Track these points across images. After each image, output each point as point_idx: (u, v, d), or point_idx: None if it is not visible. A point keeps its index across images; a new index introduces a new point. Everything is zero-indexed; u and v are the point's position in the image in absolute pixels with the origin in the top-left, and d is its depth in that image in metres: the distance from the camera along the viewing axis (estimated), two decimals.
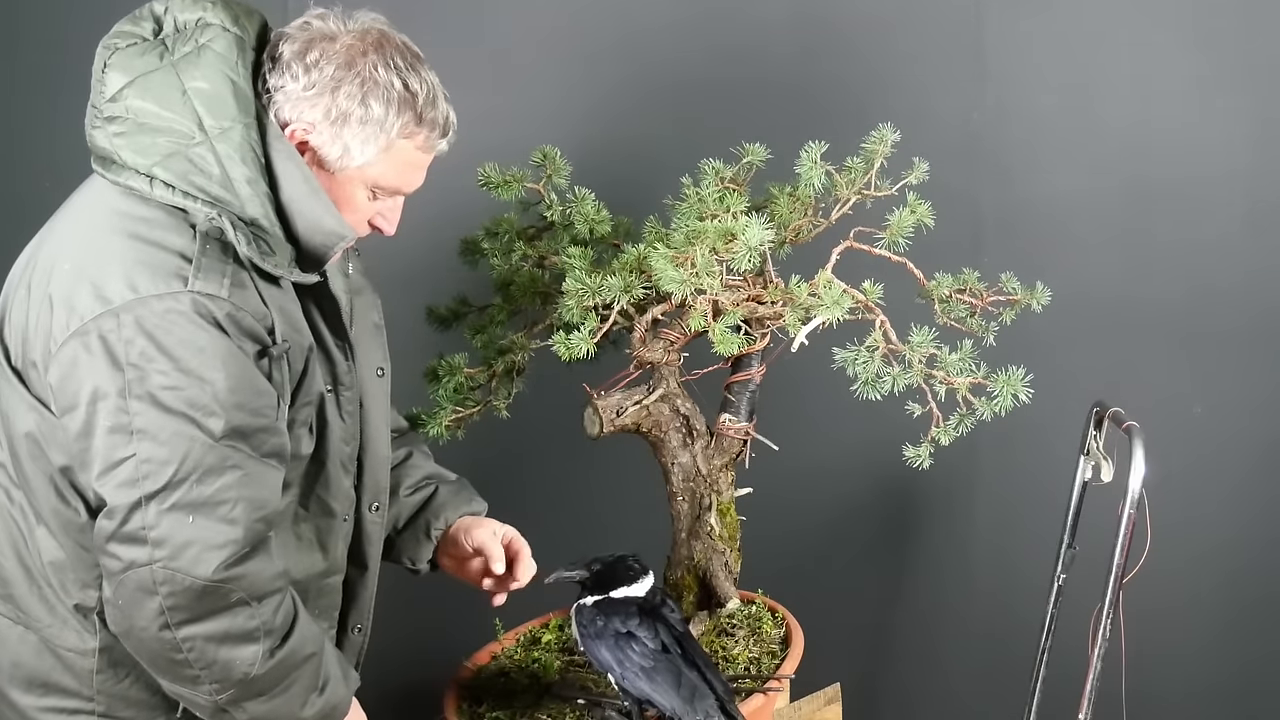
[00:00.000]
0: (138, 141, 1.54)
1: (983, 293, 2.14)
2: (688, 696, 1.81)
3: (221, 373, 1.50)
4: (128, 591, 1.51)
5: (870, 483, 2.86)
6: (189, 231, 1.54)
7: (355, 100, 1.58)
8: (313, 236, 1.60)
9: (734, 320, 1.98)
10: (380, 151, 1.61)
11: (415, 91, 1.61)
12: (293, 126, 1.59)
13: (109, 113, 1.56)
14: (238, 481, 1.52)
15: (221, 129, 1.54)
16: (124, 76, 1.56)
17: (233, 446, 1.52)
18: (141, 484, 1.48)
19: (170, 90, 1.55)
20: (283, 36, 1.62)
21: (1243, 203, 2.65)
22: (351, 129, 1.59)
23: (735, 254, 1.91)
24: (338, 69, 1.58)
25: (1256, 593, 2.81)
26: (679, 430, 2.13)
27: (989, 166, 2.68)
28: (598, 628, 1.89)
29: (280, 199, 1.58)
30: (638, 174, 2.53)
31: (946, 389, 2.00)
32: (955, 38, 2.64)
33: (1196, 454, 2.71)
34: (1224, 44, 2.60)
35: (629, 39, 2.72)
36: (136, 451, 1.48)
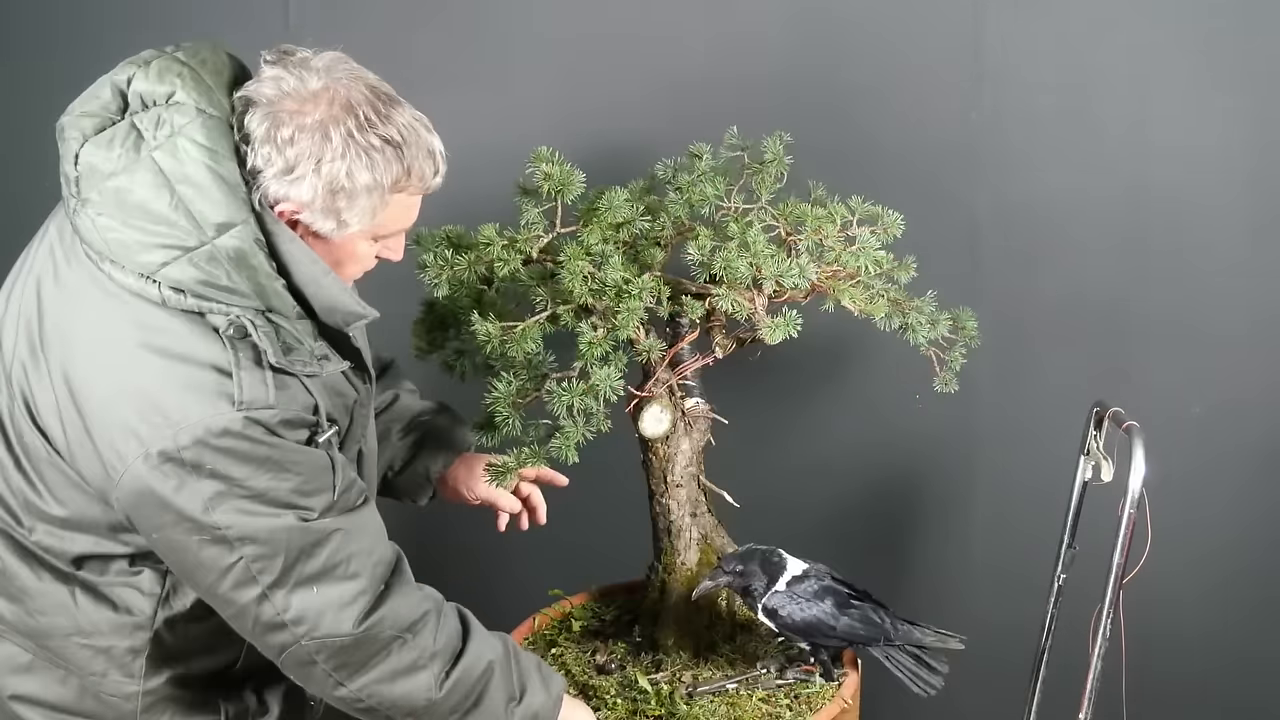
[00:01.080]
0: (132, 241, 1.48)
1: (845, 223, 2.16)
2: (880, 619, 2.13)
3: (290, 473, 1.52)
4: (293, 668, 1.60)
5: (870, 482, 2.86)
6: (213, 337, 1.50)
7: (341, 174, 1.51)
8: (331, 316, 1.59)
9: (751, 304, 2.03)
10: (375, 214, 1.57)
11: (398, 143, 1.54)
12: (281, 206, 1.54)
13: (96, 208, 1.49)
14: (343, 542, 1.57)
15: (220, 229, 1.48)
16: (103, 168, 1.50)
17: (326, 517, 1.56)
18: (259, 579, 1.53)
19: (158, 189, 1.48)
20: (249, 106, 1.53)
21: (1242, 202, 2.65)
22: (342, 202, 1.54)
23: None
24: (314, 145, 1.50)
25: (1257, 593, 2.81)
26: (680, 419, 2.16)
27: (987, 167, 2.68)
28: (801, 599, 2.09)
29: (292, 284, 1.54)
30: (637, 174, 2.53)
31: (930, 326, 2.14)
32: (953, 38, 2.64)
33: (1196, 454, 2.71)
34: (1223, 45, 2.59)
35: (627, 41, 2.72)
36: (242, 555, 1.52)
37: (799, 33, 2.67)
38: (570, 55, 2.73)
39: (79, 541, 1.62)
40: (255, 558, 1.52)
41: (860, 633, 2.12)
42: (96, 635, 1.64)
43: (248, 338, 1.51)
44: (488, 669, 1.69)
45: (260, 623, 1.56)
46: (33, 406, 1.56)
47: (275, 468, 1.51)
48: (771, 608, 2.09)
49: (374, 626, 1.58)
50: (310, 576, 1.54)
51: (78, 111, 1.55)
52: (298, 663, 1.59)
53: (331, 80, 1.53)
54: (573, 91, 2.74)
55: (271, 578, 1.53)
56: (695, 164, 2.18)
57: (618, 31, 2.72)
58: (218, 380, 1.49)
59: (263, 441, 1.50)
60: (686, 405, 2.18)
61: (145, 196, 1.48)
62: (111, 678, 1.66)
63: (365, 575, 1.58)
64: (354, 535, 1.58)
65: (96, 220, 1.50)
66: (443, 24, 2.70)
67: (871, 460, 2.85)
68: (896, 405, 2.77)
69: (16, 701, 1.68)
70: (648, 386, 2.10)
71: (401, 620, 1.61)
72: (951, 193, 2.66)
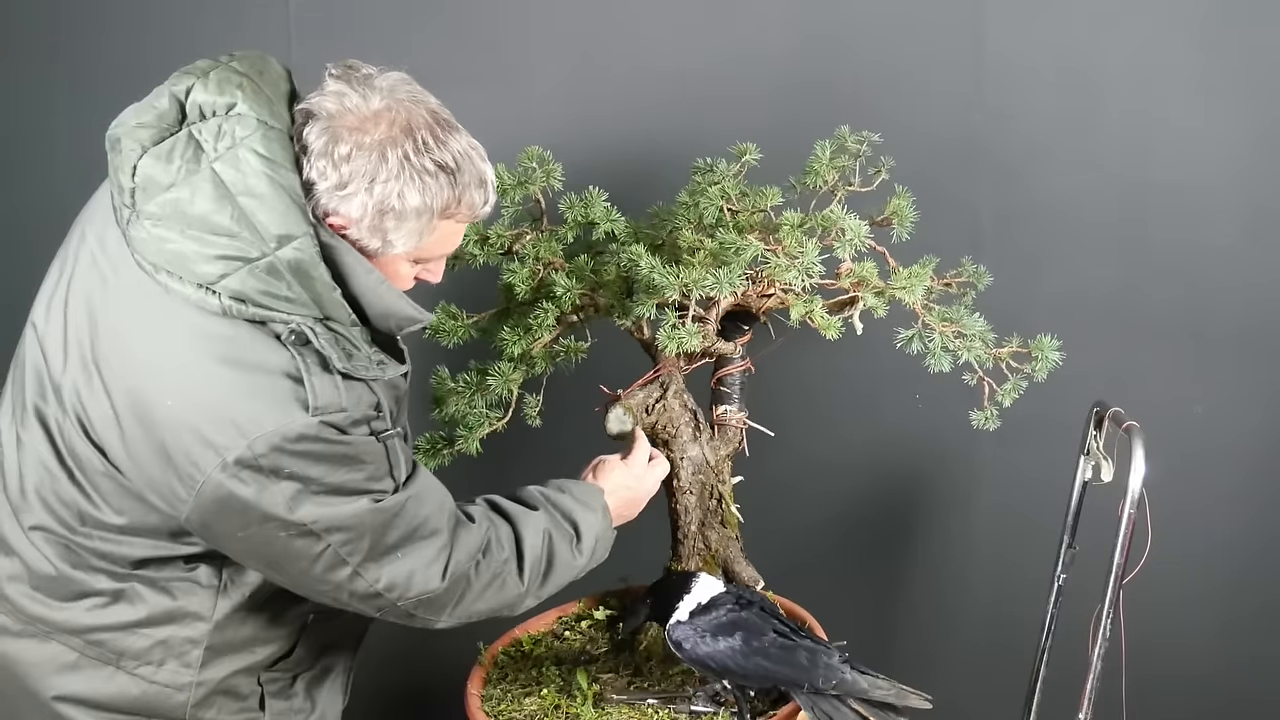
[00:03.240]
0: (192, 252, 1.49)
1: (933, 277, 2.15)
2: (809, 663, 1.89)
3: (363, 463, 1.56)
4: (393, 619, 1.69)
5: (869, 482, 2.87)
6: (277, 344, 1.52)
7: (393, 195, 1.53)
8: (385, 321, 1.61)
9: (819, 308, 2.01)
10: (421, 238, 1.59)
11: (452, 170, 1.55)
12: (331, 219, 1.55)
13: (154, 219, 1.50)
14: (415, 508, 1.63)
15: (282, 240, 1.49)
16: (162, 179, 1.50)
17: (396, 493, 1.61)
18: (349, 560, 1.59)
19: (219, 201, 1.48)
20: (309, 119, 1.54)
21: (1243, 202, 2.65)
22: (390, 223, 1.55)
23: (838, 244, 2.01)
24: (370, 164, 1.52)
25: (1257, 593, 2.81)
26: (689, 425, 2.15)
27: (989, 167, 2.68)
28: (697, 634, 1.94)
29: (347, 291, 1.56)
30: (636, 175, 2.53)
31: (992, 359, 2.10)
32: (955, 37, 2.64)
33: (1196, 454, 2.71)
34: (1225, 45, 2.59)
35: (628, 39, 2.72)
36: (330, 543, 1.57)
37: (800, 33, 2.67)
38: (570, 55, 2.73)
39: (139, 546, 1.63)
40: (343, 542, 1.56)
41: (774, 674, 1.90)
42: (155, 626, 1.65)
43: (309, 344, 1.52)
44: (545, 538, 1.79)
45: (355, 595, 1.62)
46: (86, 422, 1.56)
47: (349, 462, 1.54)
48: (675, 640, 1.96)
49: (455, 570, 1.67)
50: (394, 545, 1.61)
51: (133, 122, 1.54)
52: (397, 617, 1.68)
53: (394, 101, 1.54)
54: (572, 91, 2.74)
55: (360, 556, 1.59)
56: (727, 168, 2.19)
57: (618, 32, 2.72)
58: (290, 387, 1.50)
59: (336, 441, 1.53)
60: (716, 412, 2.19)
61: (206, 208, 1.48)
62: (168, 667, 1.67)
63: (444, 529, 1.66)
64: (422, 498, 1.64)
65: (153, 231, 1.50)
66: (442, 24, 2.70)
67: (872, 460, 2.85)
68: (896, 405, 2.77)
69: (62, 702, 1.67)
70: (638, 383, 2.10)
71: (472, 550, 1.70)
72: (954, 193, 2.66)
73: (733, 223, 2.10)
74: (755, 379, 2.24)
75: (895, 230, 2.16)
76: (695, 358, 2.15)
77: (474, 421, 2.12)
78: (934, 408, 2.71)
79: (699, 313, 2.02)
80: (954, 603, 2.88)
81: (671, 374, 2.13)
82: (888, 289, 2.04)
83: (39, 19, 2.74)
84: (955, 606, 2.89)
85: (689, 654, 1.95)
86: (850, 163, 2.19)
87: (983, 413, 2.12)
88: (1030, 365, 2.11)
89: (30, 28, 2.75)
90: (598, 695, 2.06)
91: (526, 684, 2.11)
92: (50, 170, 2.76)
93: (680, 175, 2.26)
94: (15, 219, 2.82)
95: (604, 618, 2.28)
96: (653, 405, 2.10)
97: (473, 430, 2.11)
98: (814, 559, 2.82)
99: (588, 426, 2.13)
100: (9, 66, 2.77)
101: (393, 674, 2.77)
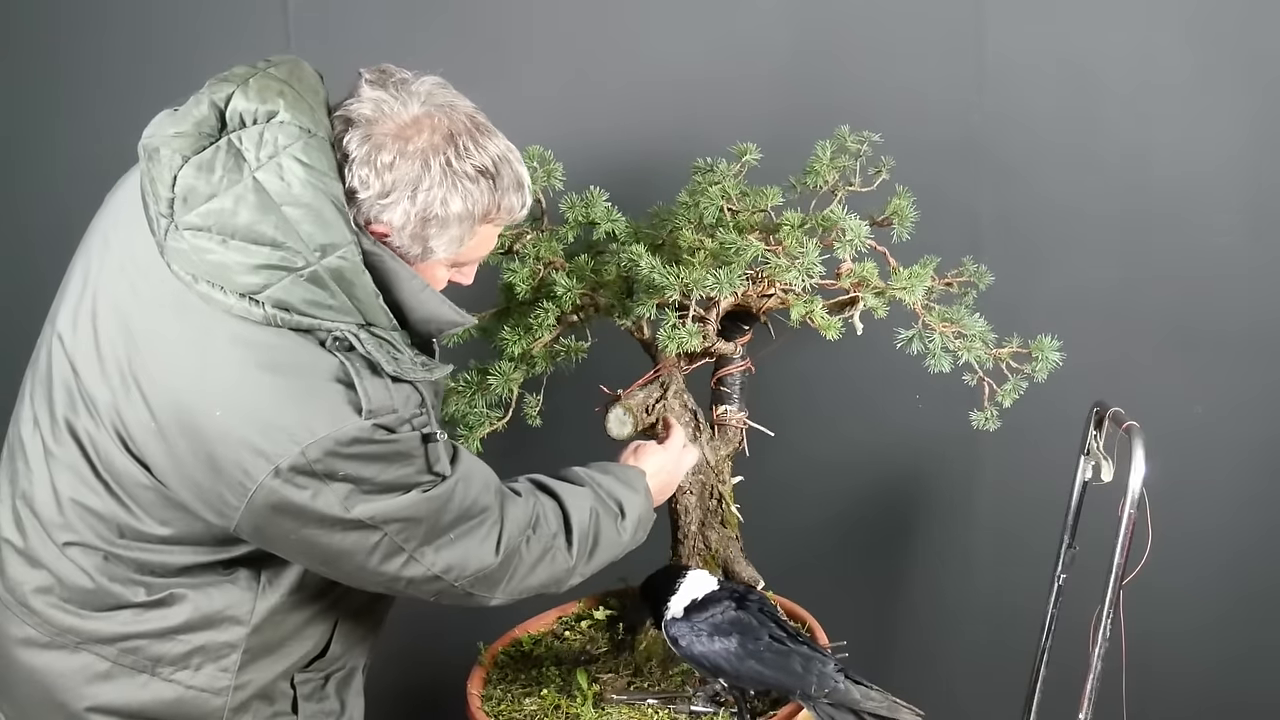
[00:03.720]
0: (234, 262, 1.48)
1: (933, 277, 2.15)
2: (803, 670, 1.89)
3: (412, 457, 1.57)
4: (449, 601, 1.70)
5: (869, 482, 2.87)
6: (322, 350, 1.52)
7: (436, 202, 1.53)
8: (426, 325, 1.62)
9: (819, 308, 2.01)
10: (462, 244, 1.60)
11: (492, 175, 1.56)
12: (374, 226, 1.55)
13: (194, 229, 1.48)
14: (464, 490, 1.64)
15: (326, 249, 1.48)
16: (203, 189, 1.48)
17: (445, 480, 1.61)
18: (405, 547, 1.60)
19: (263, 210, 1.47)
20: (348, 126, 1.54)
21: (1243, 203, 2.65)
22: (432, 229, 1.56)
23: (838, 244, 2.01)
24: (413, 172, 1.52)
25: (1257, 593, 2.81)
26: (689, 425, 2.15)
27: (989, 167, 2.68)
28: (694, 632, 1.95)
29: (390, 298, 1.56)
30: (636, 175, 2.53)
31: (993, 359, 2.10)
32: (955, 38, 2.64)
33: (1196, 454, 2.71)
34: (1224, 45, 2.59)
35: (628, 41, 2.72)
36: (386, 533, 1.57)
37: (800, 34, 2.67)
38: (570, 54, 2.73)
39: (182, 554, 1.62)
40: (399, 530, 1.58)
41: (769, 679, 1.91)
42: (193, 631, 1.64)
43: (353, 350, 1.52)
44: (592, 514, 1.81)
45: (413, 581, 1.63)
46: (126, 435, 1.55)
47: (401, 459, 1.55)
48: (673, 635, 1.97)
49: (508, 545, 1.69)
50: (447, 527, 1.62)
51: (170, 131, 1.52)
52: (453, 599, 1.69)
53: (433, 107, 1.55)
54: (573, 91, 2.74)
55: (417, 542, 1.60)
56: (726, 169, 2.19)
57: (618, 32, 2.72)
58: (341, 391, 1.50)
59: (387, 441, 1.53)
60: (716, 412, 2.19)
61: (250, 218, 1.47)
62: (205, 671, 1.66)
63: (493, 505, 1.68)
64: (470, 480, 1.65)
65: (193, 241, 1.48)
66: (442, 24, 2.70)
67: (872, 460, 2.85)
68: (897, 405, 2.77)
69: (95, 713, 1.65)
70: (638, 383, 2.10)
71: (522, 524, 1.72)
72: (954, 194, 2.66)
73: (733, 223, 2.10)
74: (755, 379, 2.24)
75: (895, 230, 2.16)
76: (695, 358, 2.15)
77: (474, 421, 2.12)
78: (934, 408, 2.71)
79: (699, 313, 2.02)
80: (954, 602, 2.88)
81: (671, 374, 2.14)
82: (888, 289, 2.04)
83: (39, 19, 2.74)
84: (955, 606, 2.89)
85: (684, 650, 1.96)
86: (850, 163, 2.19)
87: (983, 413, 2.12)
88: (1030, 365, 2.11)
89: (30, 28, 2.75)
90: (597, 695, 2.06)
91: (526, 684, 2.11)
92: (50, 170, 2.76)
93: (680, 175, 2.26)
94: (15, 219, 2.81)
95: (604, 618, 2.28)
96: (653, 405, 2.11)
97: (473, 430, 2.11)
98: (814, 559, 2.82)
99: (588, 426, 2.13)
100: (9, 66, 2.77)
101: (393, 674, 2.76)
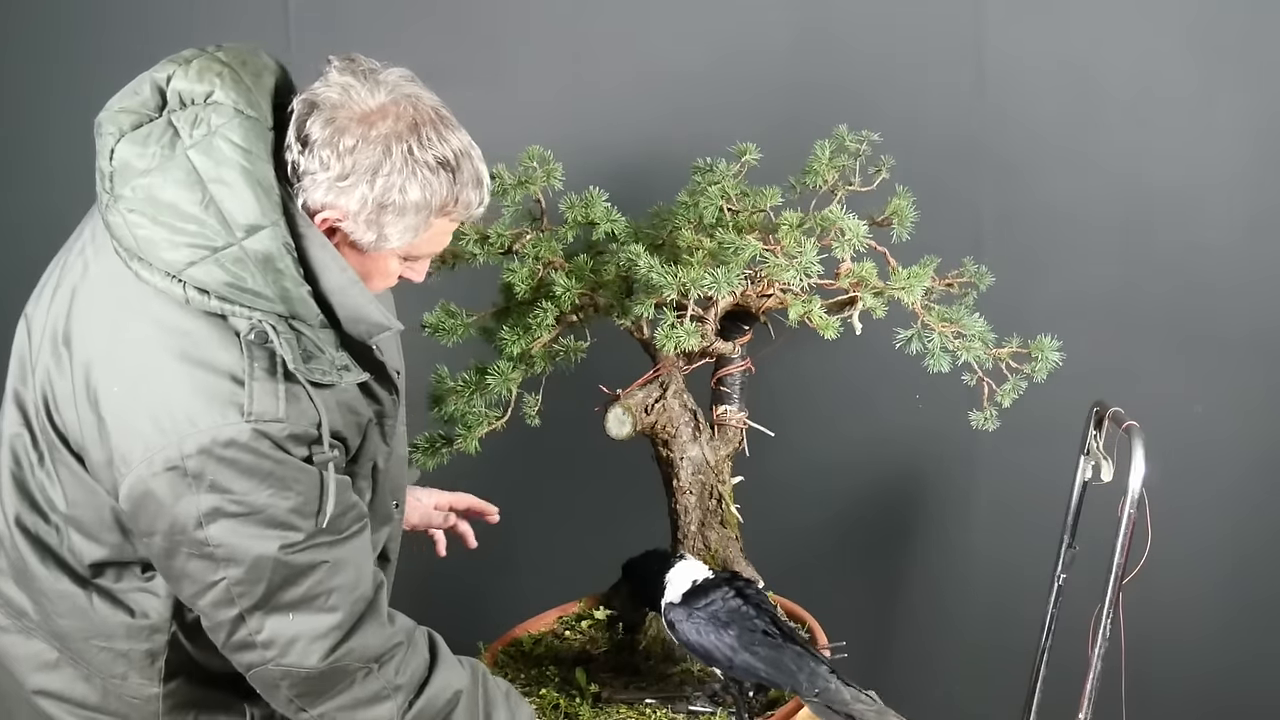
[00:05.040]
0: (160, 238, 1.47)
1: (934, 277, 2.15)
2: (795, 667, 1.86)
3: (291, 490, 1.50)
4: (259, 685, 1.60)
5: (870, 481, 2.87)
6: (234, 342, 1.49)
7: (394, 189, 1.51)
8: (355, 326, 1.57)
9: (817, 308, 2.00)
10: (416, 234, 1.57)
11: (453, 167, 1.54)
12: (324, 214, 1.53)
13: (128, 204, 1.49)
14: (327, 574, 1.55)
15: (250, 230, 1.47)
16: (137, 164, 1.49)
17: (316, 545, 1.53)
18: (238, 602, 1.52)
19: (190, 188, 1.47)
20: (312, 110, 1.52)
21: (1243, 202, 2.65)
22: (388, 217, 1.53)
23: (836, 244, 2.00)
24: (374, 157, 1.50)
25: (1257, 592, 2.81)
26: (688, 425, 2.15)
27: (989, 168, 2.68)
28: (694, 621, 1.93)
29: (318, 290, 1.53)
30: (637, 174, 2.53)
31: (992, 359, 2.07)
32: (955, 39, 2.64)
33: (1196, 454, 2.71)
34: (1224, 45, 2.59)
35: (628, 41, 2.72)
36: (225, 576, 1.51)
37: (801, 34, 2.67)
38: (570, 54, 2.73)
39: (94, 548, 1.62)
40: (237, 581, 1.51)
41: (761, 674, 1.89)
42: (114, 639, 1.64)
43: (268, 343, 1.49)
44: (453, 699, 1.68)
45: (232, 640, 1.56)
46: (52, 404, 1.56)
47: (276, 484, 1.49)
48: (671, 620, 1.96)
49: (341, 659, 1.57)
50: (288, 604, 1.54)
51: (116, 107, 1.54)
52: (263, 683, 1.59)
53: (399, 95, 1.54)
54: (572, 91, 2.74)
55: (250, 602, 1.53)
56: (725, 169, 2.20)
57: (618, 32, 2.72)
58: (231, 390, 1.48)
59: (268, 456, 1.48)
60: (716, 412, 2.19)
61: (176, 195, 1.47)
62: (132, 680, 1.65)
63: (343, 610, 1.57)
64: (340, 568, 1.56)
65: (128, 217, 1.49)
66: (442, 23, 2.70)
67: (871, 460, 2.85)
68: (896, 405, 2.77)
69: (41, 696, 1.68)
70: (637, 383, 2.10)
71: (370, 653, 1.60)
72: (954, 193, 2.66)
73: (732, 223, 2.10)
74: (755, 379, 2.24)
75: (895, 230, 2.16)
76: (695, 358, 2.15)
77: (473, 420, 2.11)
78: (934, 408, 2.71)
79: (697, 312, 2.01)
80: (954, 603, 2.88)
81: (671, 374, 2.14)
82: (887, 289, 2.03)
83: (39, 19, 2.74)
84: (955, 606, 2.89)
85: (681, 637, 1.95)
86: (850, 162, 2.19)
87: (982, 413, 2.12)
88: (1030, 365, 2.11)
89: (30, 28, 2.75)
90: (597, 695, 2.06)
91: (527, 683, 2.11)
92: (49, 170, 2.76)
93: (680, 175, 2.26)
94: (15, 219, 2.82)
95: (604, 618, 2.28)
96: (652, 405, 2.10)
97: (471, 429, 2.11)
98: (813, 559, 2.82)
99: (587, 426, 2.12)
100: (9, 66, 2.77)
101: None
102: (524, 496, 2.79)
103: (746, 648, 1.89)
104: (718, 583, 1.98)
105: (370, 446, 1.68)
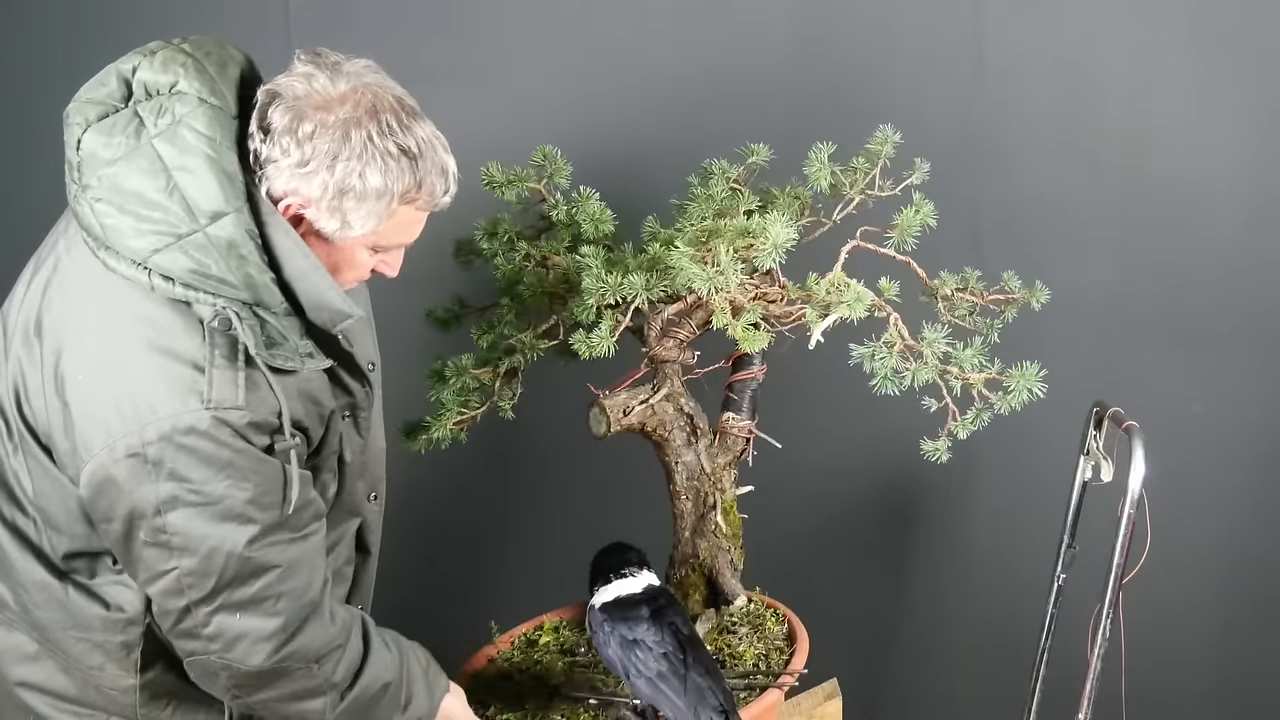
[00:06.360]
0: (127, 227, 1.49)
1: (983, 292, 2.14)
2: (693, 702, 1.83)
3: (249, 481, 1.51)
4: (197, 672, 1.62)
5: (870, 482, 2.87)
6: (197, 329, 1.50)
7: (354, 174, 1.52)
8: (318, 314, 1.59)
9: (754, 317, 1.98)
10: (380, 221, 1.57)
11: (414, 155, 1.54)
12: (287, 201, 1.54)
13: (95, 194, 1.50)
14: (278, 579, 1.56)
15: (214, 217, 1.48)
16: (104, 154, 1.50)
17: (270, 544, 1.55)
18: (187, 593, 1.54)
19: (155, 176, 1.48)
20: (274, 99, 1.53)
21: (1243, 202, 2.65)
22: (350, 203, 1.54)
23: (759, 252, 1.93)
24: (333, 142, 1.51)
25: (1256, 592, 2.81)
26: (683, 429, 2.14)
27: (989, 166, 2.68)
28: (606, 633, 1.93)
29: (282, 278, 1.54)
30: (638, 174, 2.53)
31: (962, 384, 2.02)
32: (955, 37, 2.64)
33: (1196, 454, 2.71)
34: (1223, 43, 2.60)
35: (629, 39, 2.72)
36: (178, 565, 1.52)
37: (800, 32, 2.67)
38: (570, 54, 2.73)
39: (62, 540, 1.63)
40: (188, 571, 1.52)
41: (654, 700, 1.87)
42: (90, 630, 1.65)
43: (230, 330, 1.51)
44: (381, 690, 1.72)
45: (178, 627, 1.58)
46: (23, 394, 1.58)
47: (235, 474, 1.50)
48: (589, 622, 1.96)
49: (283, 660, 1.60)
50: (237, 604, 1.55)
51: (83, 98, 1.56)
52: (202, 670, 1.61)
53: (361, 84, 1.55)
54: (572, 91, 2.74)
55: (199, 594, 1.54)
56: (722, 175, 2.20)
57: (618, 32, 2.72)
58: (192, 377, 1.49)
59: (227, 444, 1.50)
60: (721, 419, 2.17)
61: (141, 183, 1.49)
62: (109, 671, 1.67)
63: (288, 613, 1.58)
64: (293, 572, 1.58)
65: (95, 206, 1.51)
66: (442, 23, 2.70)
67: (871, 461, 2.85)
68: (896, 404, 2.76)
69: (22, 688, 1.70)
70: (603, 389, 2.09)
71: (311, 654, 1.62)
72: (955, 191, 2.65)
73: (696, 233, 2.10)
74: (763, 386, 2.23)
75: (895, 239, 2.11)
76: (692, 360, 2.13)
77: (450, 402, 2.13)
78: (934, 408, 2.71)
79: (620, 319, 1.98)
80: (954, 603, 2.88)
81: (667, 376, 2.12)
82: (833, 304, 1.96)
83: (39, 19, 2.74)
84: (955, 606, 2.89)
85: (596, 644, 1.96)
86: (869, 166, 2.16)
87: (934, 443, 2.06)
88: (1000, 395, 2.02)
89: (30, 28, 2.75)
90: (555, 689, 2.05)
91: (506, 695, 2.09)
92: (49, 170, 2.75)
93: (680, 175, 2.26)
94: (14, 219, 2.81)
95: None
96: (633, 407, 2.09)
97: (440, 418, 2.11)
98: (813, 559, 2.82)
99: (579, 425, 2.12)
100: (9, 66, 2.77)
101: None
102: (526, 496, 2.80)
103: (641, 675, 1.89)
104: (638, 600, 1.97)
105: (333, 439, 1.68)
